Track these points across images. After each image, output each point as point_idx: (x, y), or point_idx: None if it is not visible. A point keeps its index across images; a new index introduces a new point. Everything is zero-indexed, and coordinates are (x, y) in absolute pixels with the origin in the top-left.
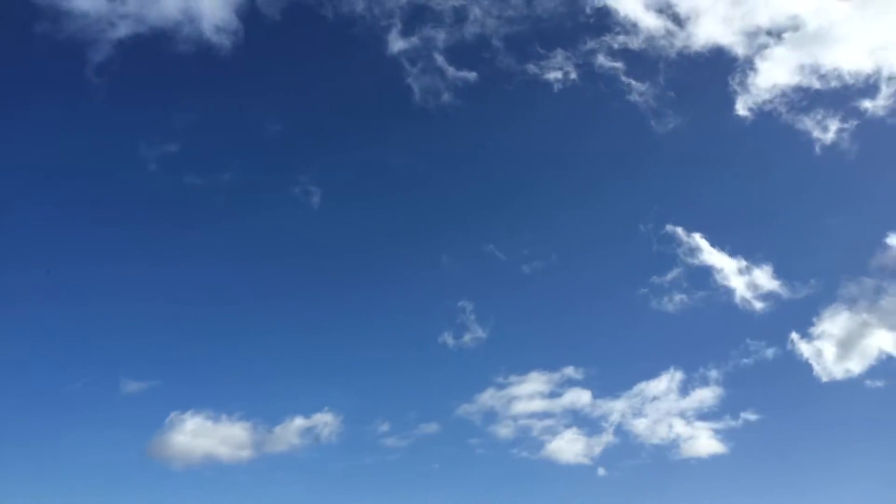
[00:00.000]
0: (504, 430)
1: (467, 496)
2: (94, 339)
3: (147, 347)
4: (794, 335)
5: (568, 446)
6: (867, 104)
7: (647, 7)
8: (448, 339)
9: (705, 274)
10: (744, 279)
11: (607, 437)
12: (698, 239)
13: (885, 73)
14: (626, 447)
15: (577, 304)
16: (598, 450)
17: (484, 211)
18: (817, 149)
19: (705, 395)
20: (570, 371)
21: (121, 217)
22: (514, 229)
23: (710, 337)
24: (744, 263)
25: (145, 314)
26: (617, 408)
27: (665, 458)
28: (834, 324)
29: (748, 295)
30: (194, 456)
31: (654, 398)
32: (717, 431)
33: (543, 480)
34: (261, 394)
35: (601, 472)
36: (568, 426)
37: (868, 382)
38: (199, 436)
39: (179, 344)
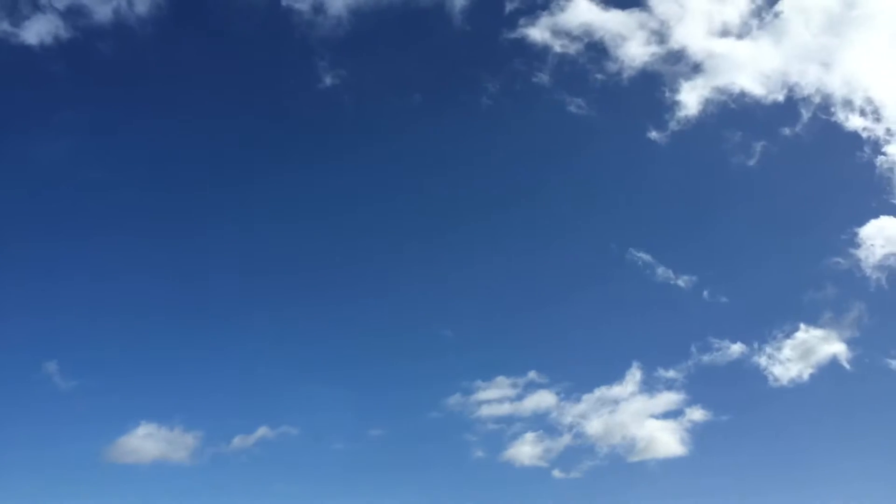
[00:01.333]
0: (469, 435)
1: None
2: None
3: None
4: (752, 344)
5: (530, 449)
6: (787, 130)
7: (566, 34)
8: (413, 346)
9: (659, 287)
10: (695, 292)
11: (568, 440)
12: (637, 253)
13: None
14: (585, 449)
15: (537, 311)
16: (558, 452)
17: (443, 221)
18: (743, 169)
19: (664, 398)
20: (533, 375)
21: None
22: (471, 238)
23: (669, 342)
24: (694, 278)
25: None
26: (577, 410)
27: (623, 459)
28: (786, 334)
29: (702, 306)
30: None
31: (613, 401)
32: (674, 433)
33: (504, 483)
34: (223, 404)
35: (559, 473)
36: (531, 429)
37: (820, 388)
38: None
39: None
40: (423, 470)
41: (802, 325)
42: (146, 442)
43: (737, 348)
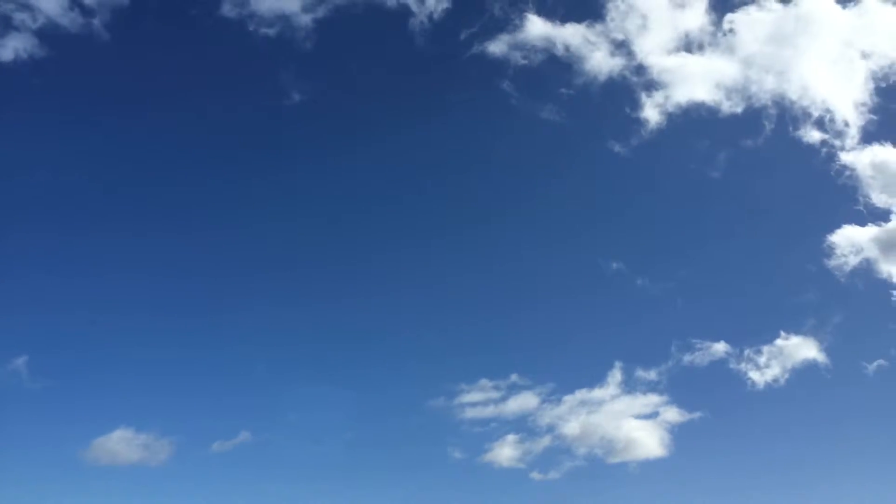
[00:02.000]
0: (452, 437)
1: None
2: None
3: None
4: (732, 348)
5: (511, 451)
6: (749, 141)
7: (527, 48)
8: (396, 349)
9: (636, 294)
10: (672, 299)
11: (548, 441)
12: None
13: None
14: (565, 450)
15: (519, 315)
16: (539, 453)
17: (424, 227)
18: (709, 180)
19: (644, 401)
20: (515, 378)
21: None
22: (453, 244)
23: (649, 345)
24: (670, 285)
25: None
26: (558, 412)
27: (603, 460)
28: (764, 340)
29: (680, 312)
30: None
31: (594, 402)
32: (654, 435)
33: (485, 484)
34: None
35: (540, 475)
36: (512, 431)
37: (798, 392)
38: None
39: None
40: (405, 472)
41: (781, 332)
42: (121, 446)
43: (717, 351)
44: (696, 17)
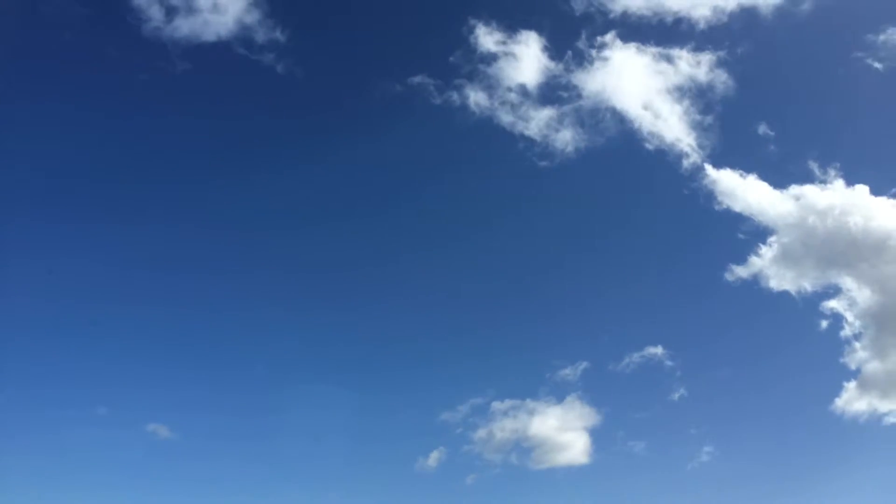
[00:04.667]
0: (388, 445)
1: None
2: None
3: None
4: (659, 355)
5: (438, 461)
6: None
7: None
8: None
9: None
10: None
11: (477, 448)
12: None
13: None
14: (492, 458)
15: (447, 326)
16: (467, 462)
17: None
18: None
19: (568, 408)
20: (448, 388)
21: None
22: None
23: (574, 354)
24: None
25: None
26: (488, 420)
27: (527, 467)
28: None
29: (606, 321)
30: None
31: (522, 410)
32: (579, 442)
33: (419, 492)
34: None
35: (463, 482)
36: (443, 443)
37: (712, 401)
38: None
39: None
40: (339, 482)
41: (702, 349)
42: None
43: (646, 361)
44: (537, 71)
